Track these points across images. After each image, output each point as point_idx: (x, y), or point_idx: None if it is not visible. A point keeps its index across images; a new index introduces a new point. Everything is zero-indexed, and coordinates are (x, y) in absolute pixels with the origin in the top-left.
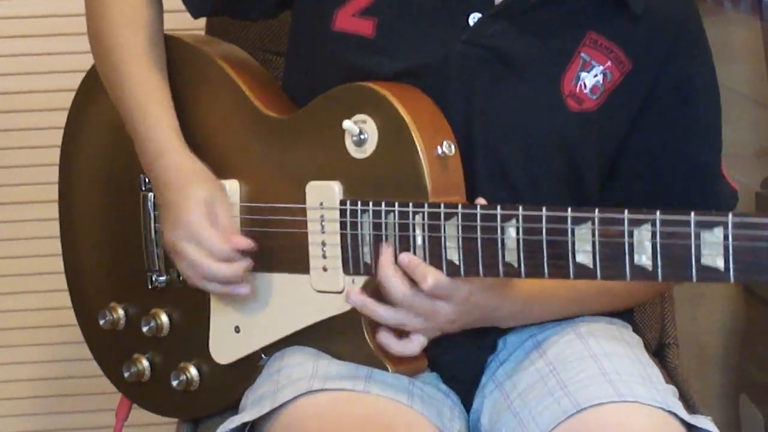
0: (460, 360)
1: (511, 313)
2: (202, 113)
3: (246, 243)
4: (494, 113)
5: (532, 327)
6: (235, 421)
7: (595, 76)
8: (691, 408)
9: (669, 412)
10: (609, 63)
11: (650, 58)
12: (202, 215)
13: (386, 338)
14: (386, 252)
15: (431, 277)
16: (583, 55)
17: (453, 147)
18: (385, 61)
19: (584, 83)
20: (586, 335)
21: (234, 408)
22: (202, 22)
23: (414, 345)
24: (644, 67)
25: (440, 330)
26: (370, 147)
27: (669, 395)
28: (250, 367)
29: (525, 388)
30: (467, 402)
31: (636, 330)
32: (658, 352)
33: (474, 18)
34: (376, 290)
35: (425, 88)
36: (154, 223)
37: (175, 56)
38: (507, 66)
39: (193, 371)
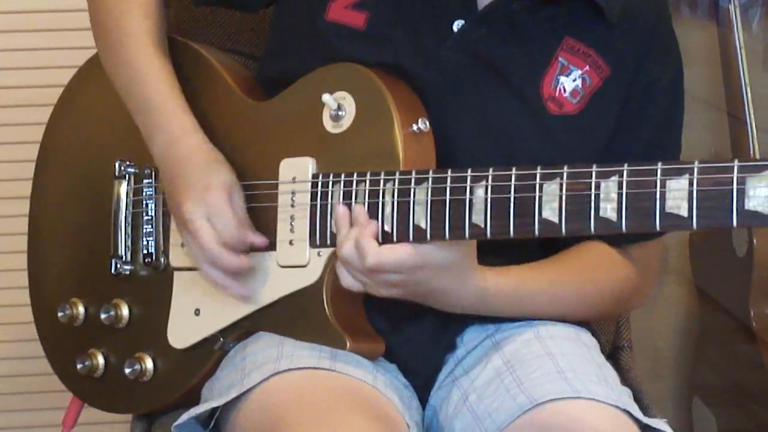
0: (418, 355)
1: (465, 300)
2: (189, 100)
3: (261, 240)
4: (476, 116)
5: (491, 326)
6: (202, 407)
7: (574, 80)
8: (644, 410)
9: (624, 410)
10: (587, 67)
11: (626, 64)
12: (225, 197)
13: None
14: (342, 215)
15: (371, 257)
16: (561, 59)
17: (427, 124)
18: (373, 51)
19: (563, 87)
20: (544, 336)
21: (186, 404)
22: None
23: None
24: (621, 73)
25: (387, 293)
26: (346, 122)
27: (624, 395)
28: (205, 354)
29: (482, 385)
30: (422, 398)
31: (592, 333)
32: (612, 354)
33: (458, 25)
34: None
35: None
36: (127, 209)
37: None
38: (489, 70)
39: (148, 362)
